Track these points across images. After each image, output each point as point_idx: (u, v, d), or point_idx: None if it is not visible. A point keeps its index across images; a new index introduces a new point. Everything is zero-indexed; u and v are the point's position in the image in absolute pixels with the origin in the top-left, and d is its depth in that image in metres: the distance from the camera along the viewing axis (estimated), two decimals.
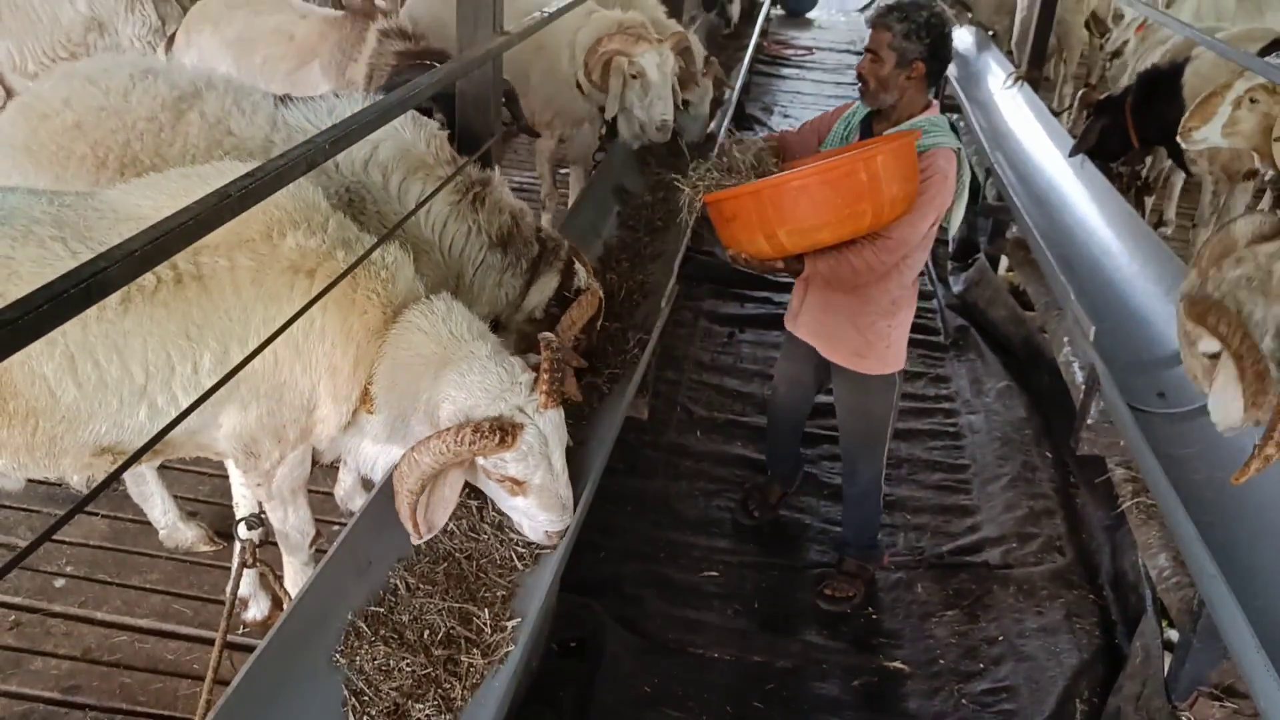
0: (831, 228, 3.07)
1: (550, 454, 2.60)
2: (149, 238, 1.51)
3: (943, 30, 3.36)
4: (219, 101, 3.20)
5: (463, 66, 3.01)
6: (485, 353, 2.62)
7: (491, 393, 2.54)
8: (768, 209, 3.03)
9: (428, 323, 2.62)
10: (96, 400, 2.32)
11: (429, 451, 2.41)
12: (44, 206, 2.32)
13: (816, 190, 3.01)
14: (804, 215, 3.03)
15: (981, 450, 5.55)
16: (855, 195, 2.99)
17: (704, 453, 5.37)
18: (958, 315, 6.90)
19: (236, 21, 4.59)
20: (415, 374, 2.60)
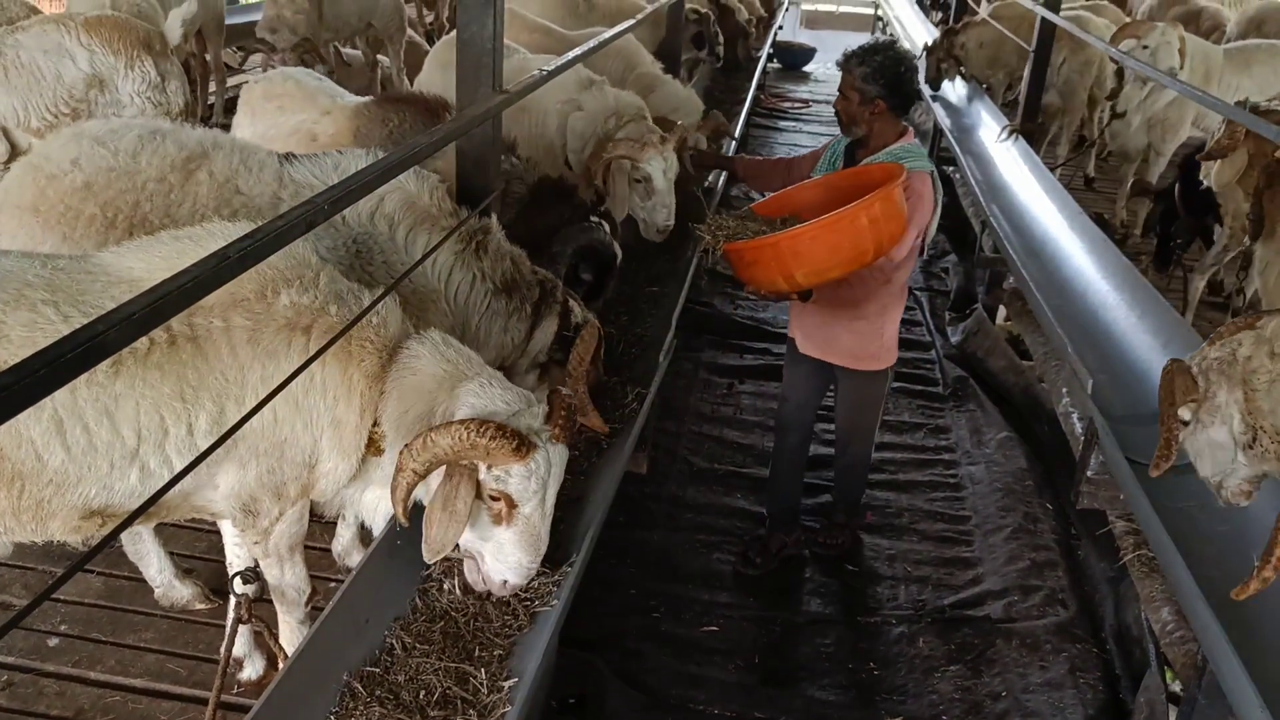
0: (841, 267, 3.56)
1: (548, 487, 2.58)
2: (147, 300, 1.51)
3: (898, 70, 3.87)
4: (226, 161, 3.24)
5: (462, 125, 3.05)
6: (499, 375, 2.67)
7: (512, 406, 2.55)
8: (786, 256, 3.53)
9: (429, 349, 2.63)
10: (86, 464, 2.31)
11: (448, 433, 2.37)
12: (37, 270, 2.33)
13: (827, 238, 3.49)
14: (819, 259, 3.52)
15: (983, 501, 5.53)
16: (859, 237, 3.49)
17: (704, 505, 5.36)
18: (956, 366, 6.92)
19: (266, 115, 4.47)
20: (428, 392, 2.59)
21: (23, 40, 5.49)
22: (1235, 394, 2.75)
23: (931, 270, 8.68)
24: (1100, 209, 7.85)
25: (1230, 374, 2.77)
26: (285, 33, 7.69)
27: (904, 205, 3.61)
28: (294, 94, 4.48)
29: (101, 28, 5.60)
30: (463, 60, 3.34)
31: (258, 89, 4.53)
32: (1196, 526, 3.07)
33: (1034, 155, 6.99)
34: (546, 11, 7.24)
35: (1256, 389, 2.72)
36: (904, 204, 3.61)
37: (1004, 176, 6.86)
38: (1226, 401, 2.77)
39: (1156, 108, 6.93)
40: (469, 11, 3.26)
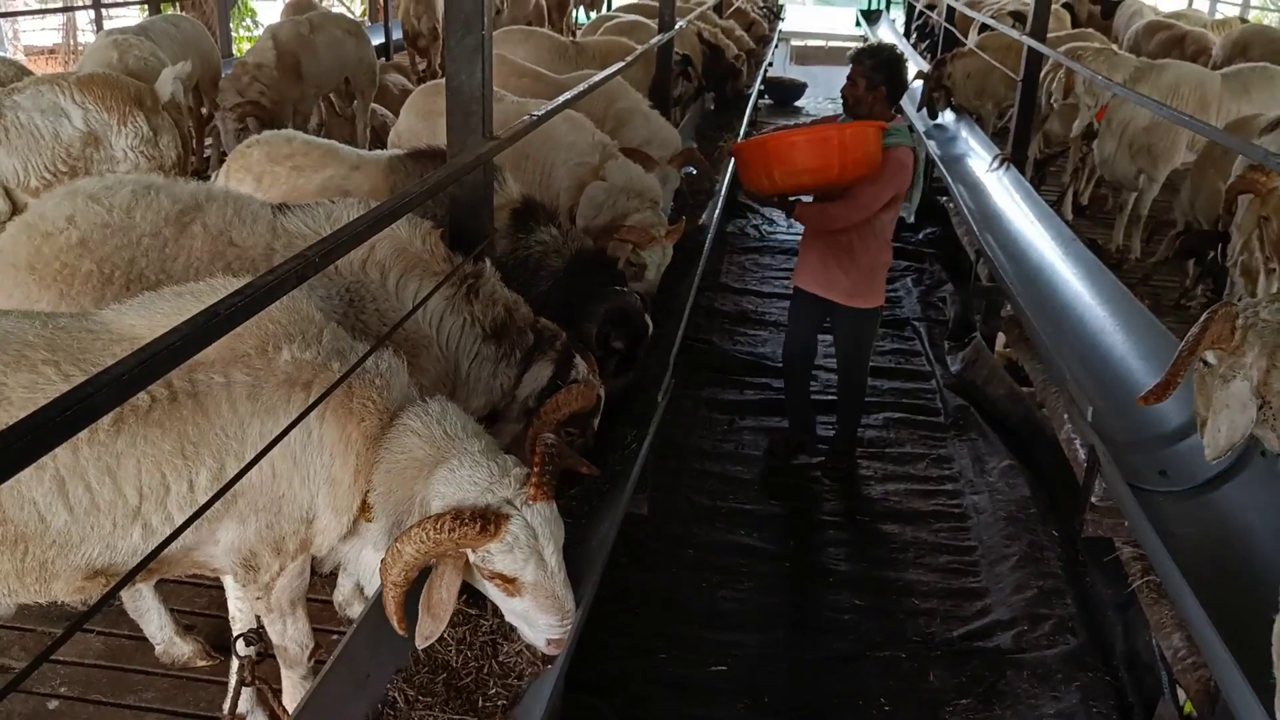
0: (810, 174, 4.51)
1: (542, 549, 2.53)
2: (136, 360, 1.52)
3: (897, 66, 4.85)
4: (220, 213, 3.24)
5: (454, 173, 3.06)
6: (477, 449, 2.62)
7: (480, 485, 2.52)
8: (770, 155, 4.55)
9: (421, 424, 2.61)
10: (89, 524, 2.29)
11: (410, 540, 2.37)
12: (37, 330, 2.33)
13: (803, 145, 4.51)
14: (793, 162, 4.47)
15: (988, 531, 5.49)
16: (828, 153, 4.45)
17: (708, 542, 5.31)
18: (956, 395, 6.90)
19: (280, 178, 4.31)
20: (409, 478, 2.58)
21: (20, 101, 5.55)
22: (1261, 361, 2.77)
23: (929, 300, 8.68)
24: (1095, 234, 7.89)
25: (1267, 340, 2.79)
26: (231, 94, 7.80)
27: (873, 146, 4.51)
28: (308, 152, 4.41)
29: (94, 86, 5.66)
30: (453, 107, 3.37)
31: (256, 152, 4.40)
32: (1202, 552, 3.05)
33: (1025, 183, 7.03)
34: (536, 55, 7.33)
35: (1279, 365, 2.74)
36: (874, 145, 4.51)
37: (997, 205, 6.89)
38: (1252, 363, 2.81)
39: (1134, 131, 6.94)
40: (457, 60, 3.29)
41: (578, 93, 4.30)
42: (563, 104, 4.04)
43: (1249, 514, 2.79)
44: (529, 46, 7.58)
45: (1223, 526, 2.94)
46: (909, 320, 8.20)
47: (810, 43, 22.97)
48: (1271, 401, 2.67)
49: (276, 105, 8.17)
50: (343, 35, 8.84)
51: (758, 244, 9.94)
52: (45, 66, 16.19)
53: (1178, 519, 3.11)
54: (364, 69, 9.03)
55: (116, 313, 2.48)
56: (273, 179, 4.18)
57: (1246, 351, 2.77)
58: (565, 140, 5.23)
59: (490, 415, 3.43)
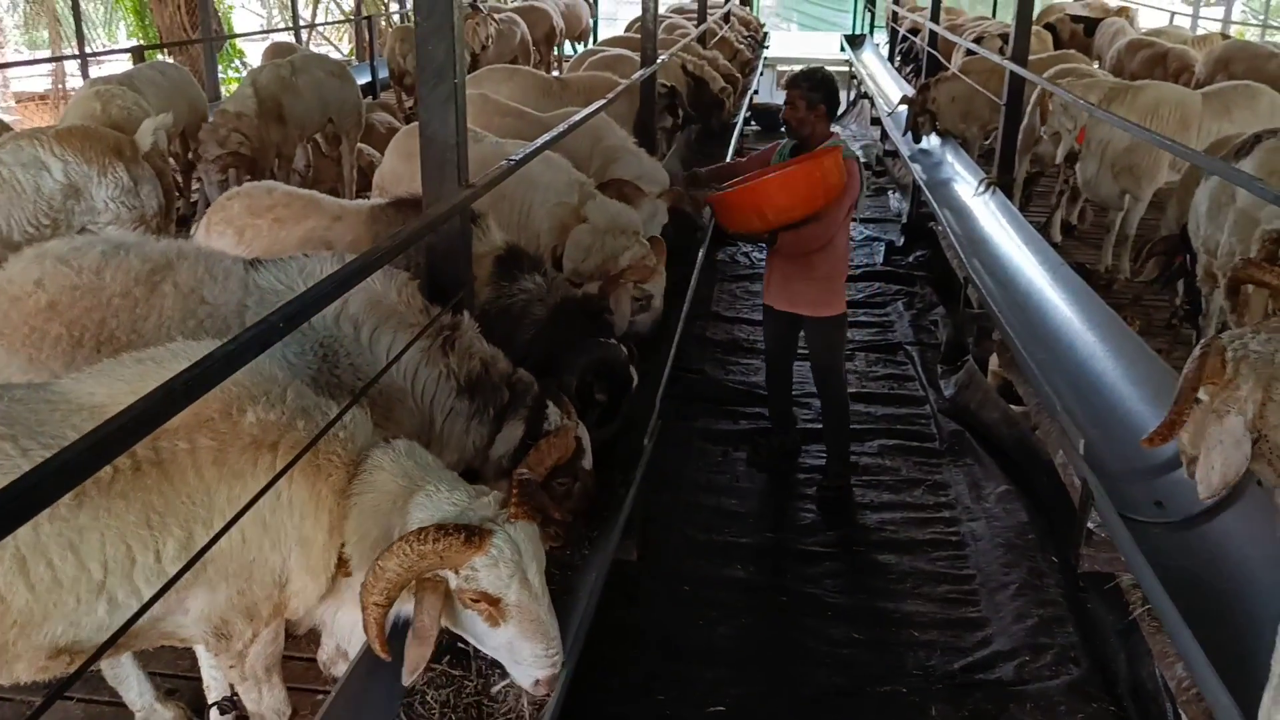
0: (800, 207, 4.89)
1: (525, 567, 2.45)
2: (86, 444, 1.47)
3: (831, 86, 5.27)
4: (191, 270, 3.21)
5: (430, 223, 3.03)
6: (450, 478, 2.60)
7: (459, 506, 2.48)
8: (760, 199, 4.91)
9: (389, 460, 2.57)
10: (51, 601, 2.24)
11: (394, 555, 2.31)
12: None
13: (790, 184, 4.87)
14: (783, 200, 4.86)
15: (986, 559, 5.43)
16: (813, 184, 4.82)
17: (703, 578, 5.25)
18: (951, 420, 6.86)
19: (262, 231, 4.26)
20: (384, 513, 2.53)
21: (2, 157, 5.53)
22: (1256, 394, 2.70)
23: (921, 324, 8.65)
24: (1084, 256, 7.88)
25: (1261, 372, 2.72)
26: (211, 145, 7.79)
27: (842, 169, 4.89)
28: (289, 203, 4.36)
29: (73, 138, 5.65)
30: (427, 156, 3.34)
31: (237, 205, 4.35)
32: (1200, 585, 3.00)
33: (1012, 207, 7.01)
34: (519, 93, 7.33)
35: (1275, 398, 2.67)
36: (842, 169, 4.89)
37: (984, 230, 6.87)
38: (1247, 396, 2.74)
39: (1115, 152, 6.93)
40: (430, 109, 3.27)
41: (557, 133, 4.27)
42: (542, 146, 4.01)
43: (1246, 545, 2.74)
44: (513, 85, 7.58)
45: (1220, 558, 2.89)
46: (901, 345, 8.17)
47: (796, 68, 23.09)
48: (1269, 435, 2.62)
49: (258, 152, 8.15)
50: (325, 76, 8.85)
51: (748, 271, 9.93)
52: (36, 112, 16.26)
53: (1174, 551, 3.06)
54: (348, 110, 9.04)
55: (75, 381, 2.43)
56: (254, 232, 4.13)
57: (1240, 385, 2.71)
58: (542, 181, 5.20)
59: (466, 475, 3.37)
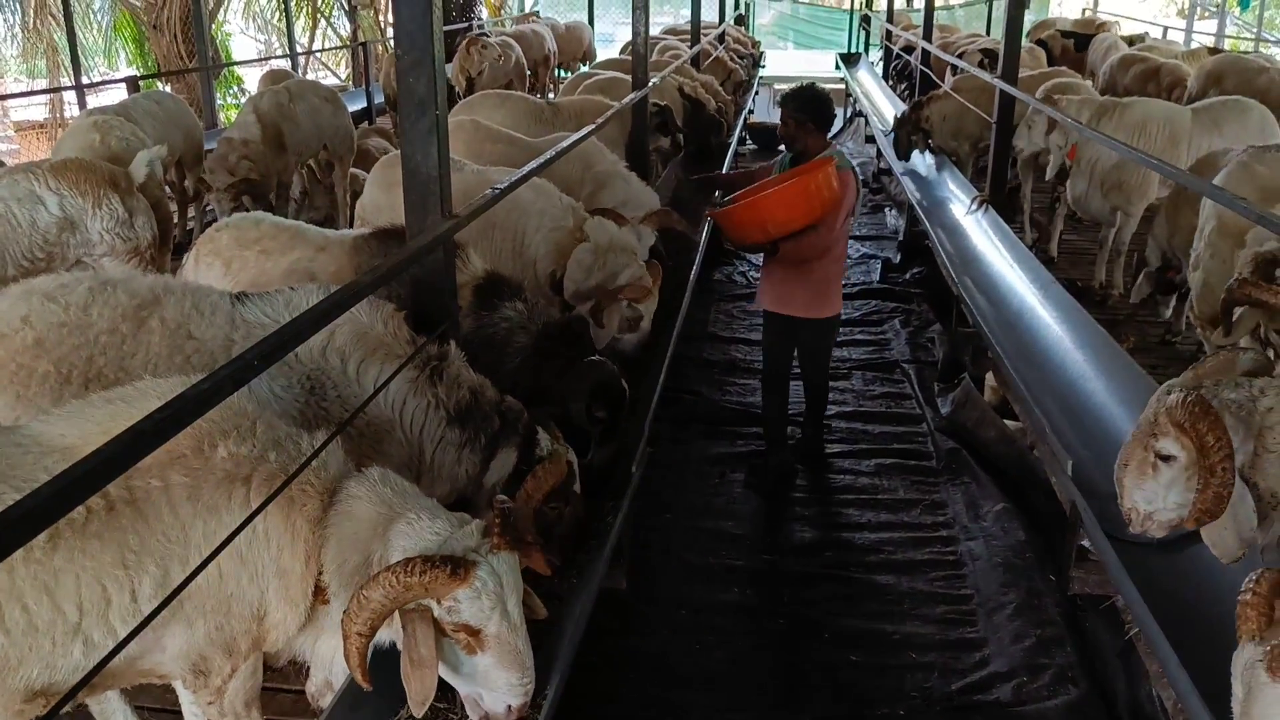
0: (799, 219, 5.14)
1: (506, 598, 2.47)
2: (52, 489, 1.47)
3: (819, 102, 5.53)
4: (178, 306, 3.22)
5: (411, 255, 3.04)
6: (430, 505, 2.61)
7: (441, 535, 2.49)
8: (762, 213, 5.20)
9: (365, 489, 2.58)
10: (26, 645, 2.23)
11: (379, 585, 2.31)
12: None
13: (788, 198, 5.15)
14: (782, 214, 5.12)
15: (984, 578, 5.41)
16: (810, 196, 5.08)
17: (700, 603, 5.23)
18: (948, 438, 6.84)
19: (249, 263, 4.28)
20: (363, 540, 2.54)
21: None
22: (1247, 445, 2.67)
23: (918, 341, 8.64)
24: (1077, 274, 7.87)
25: (1249, 422, 2.69)
26: (222, 174, 7.83)
27: (836, 180, 5.16)
28: (275, 235, 4.37)
29: (68, 171, 5.68)
30: (410, 188, 3.35)
31: (224, 236, 4.37)
32: (1189, 609, 2.98)
33: (1004, 225, 7.01)
34: (511, 119, 7.35)
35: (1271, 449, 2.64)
36: (836, 179, 5.16)
37: (976, 248, 6.88)
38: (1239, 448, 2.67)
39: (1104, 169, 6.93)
40: (413, 141, 3.28)
41: (543, 161, 4.29)
42: (527, 174, 4.03)
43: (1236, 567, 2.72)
44: (504, 111, 7.61)
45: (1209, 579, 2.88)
46: (898, 363, 8.15)
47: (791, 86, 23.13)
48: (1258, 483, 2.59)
49: (264, 178, 8.22)
50: (320, 103, 8.91)
51: (746, 291, 9.93)
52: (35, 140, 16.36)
53: (1163, 572, 3.05)
54: (341, 136, 9.09)
55: (45, 423, 2.43)
56: (241, 263, 4.14)
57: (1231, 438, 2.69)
58: (534, 207, 5.22)
59: (458, 504, 3.37)
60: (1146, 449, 2.80)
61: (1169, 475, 2.79)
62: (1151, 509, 2.85)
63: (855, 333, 8.82)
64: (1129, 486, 2.89)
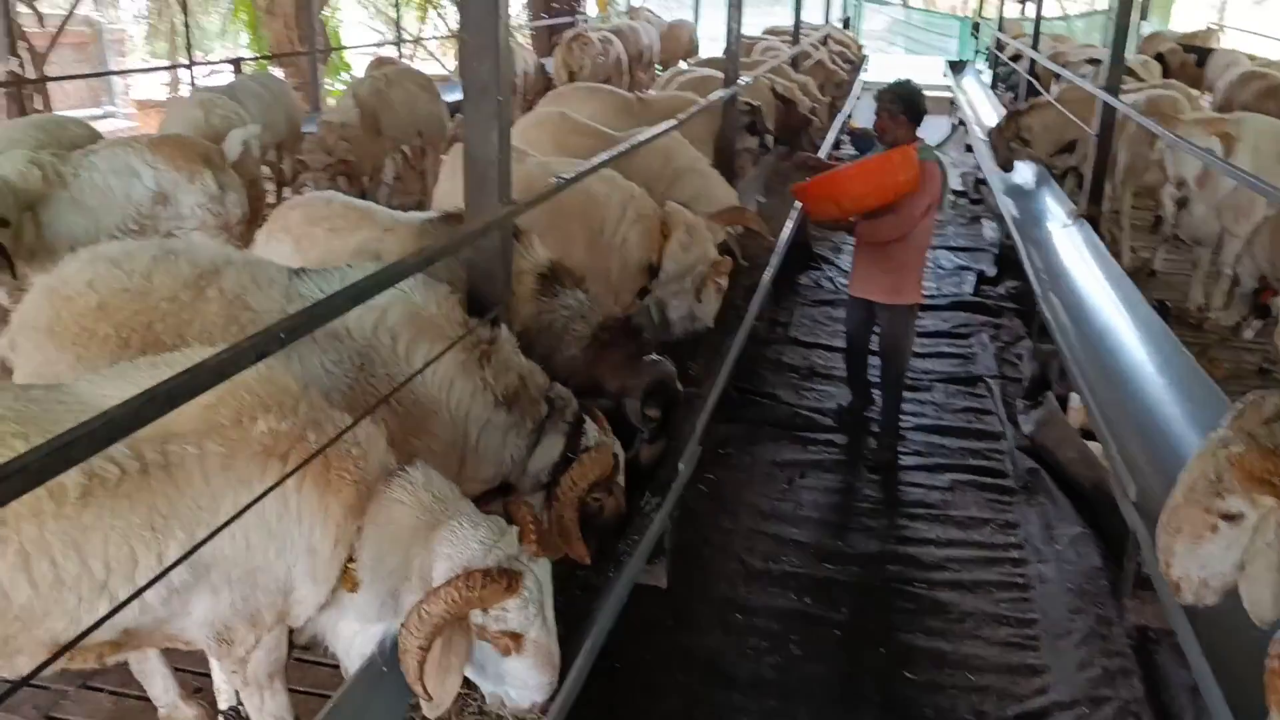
0: (873, 196, 5.42)
1: (545, 604, 2.57)
2: (51, 448, 1.50)
3: (911, 96, 5.81)
4: (237, 277, 3.28)
5: (468, 236, 3.05)
6: (469, 509, 2.64)
7: (485, 544, 2.53)
8: (837, 188, 5.52)
9: (407, 494, 2.60)
10: (53, 598, 2.28)
11: (440, 600, 2.39)
12: (9, 402, 2.34)
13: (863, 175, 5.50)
14: (857, 190, 5.43)
15: (1052, 603, 5.23)
16: (884, 176, 5.38)
17: (757, 607, 5.16)
18: (1028, 457, 6.64)
19: (317, 240, 4.30)
20: (403, 545, 2.58)
21: (96, 162, 5.78)
22: None
23: (1005, 356, 8.40)
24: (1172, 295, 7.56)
25: None
26: (319, 155, 8.00)
27: (914, 165, 5.40)
28: (345, 214, 4.41)
29: (165, 146, 5.87)
30: (469, 173, 3.37)
31: (296, 214, 4.42)
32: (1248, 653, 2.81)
33: (1098, 241, 6.76)
34: (599, 112, 7.35)
35: None
36: (914, 164, 5.40)
37: (1065, 263, 6.65)
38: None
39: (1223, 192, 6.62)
40: (474, 126, 3.29)
41: (613, 154, 4.27)
42: (595, 166, 4.02)
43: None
44: (593, 104, 7.61)
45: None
46: (982, 377, 7.94)
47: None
48: None
49: (359, 161, 8.41)
50: (416, 90, 9.07)
51: (831, 296, 9.78)
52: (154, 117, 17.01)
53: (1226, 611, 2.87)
54: (435, 123, 9.24)
55: (90, 383, 2.49)
56: (310, 241, 4.20)
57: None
58: (614, 199, 5.25)
59: (503, 487, 3.38)
60: (1207, 510, 2.64)
61: (1231, 536, 2.62)
62: (1207, 574, 2.69)
63: (941, 345, 8.62)
64: (1181, 553, 2.71)
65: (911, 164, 5.43)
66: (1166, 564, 2.74)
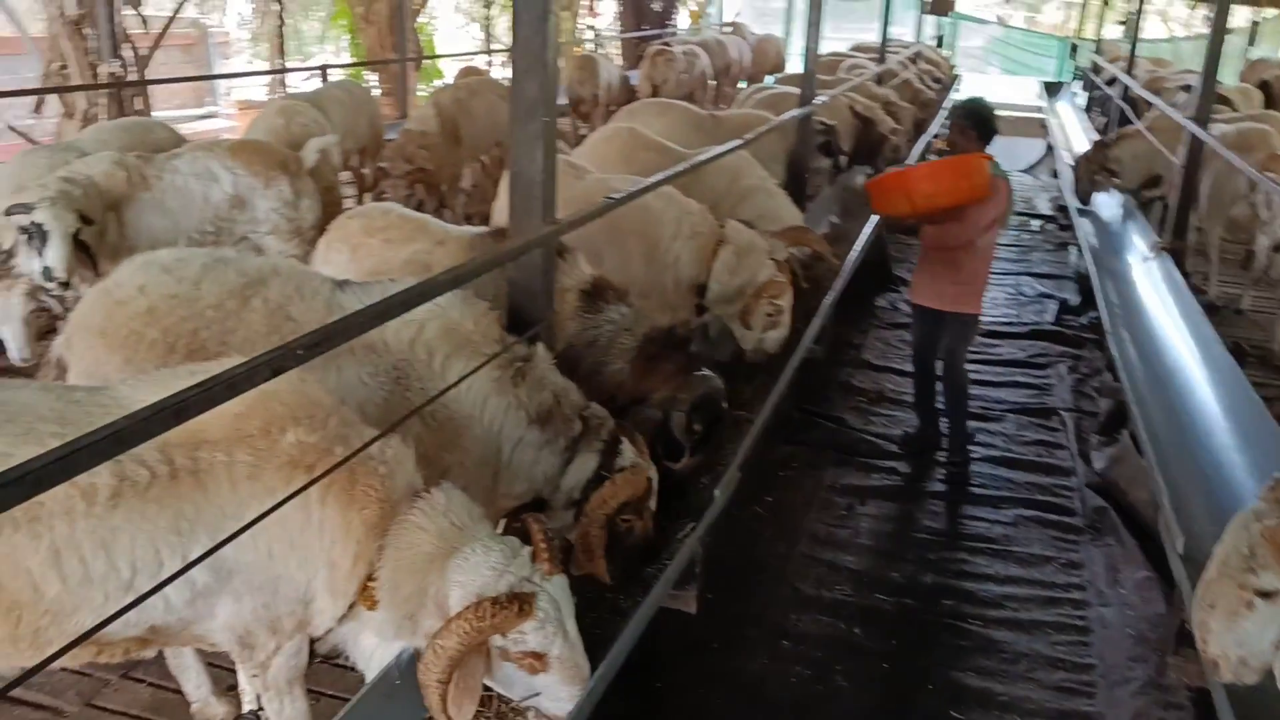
0: (943, 196, 5.57)
1: (564, 621, 2.58)
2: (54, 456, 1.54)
3: (983, 115, 6.15)
4: (282, 287, 3.35)
5: (507, 254, 3.08)
6: (485, 534, 2.66)
7: (497, 569, 2.54)
8: (909, 184, 5.71)
9: (427, 519, 2.62)
10: (81, 594, 2.35)
11: (453, 634, 2.40)
12: (51, 403, 2.43)
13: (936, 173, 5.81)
14: (928, 188, 5.61)
15: (1111, 649, 5.06)
16: (957, 177, 5.56)
17: (806, 634, 5.10)
18: (1097, 495, 6.44)
19: (373, 250, 4.38)
20: (419, 573, 2.61)
21: (179, 166, 5.98)
22: None
23: (1082, 389, 8.16)
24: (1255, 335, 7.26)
25: None
26: (399, 163, 8.14)
27: (985, 172, 5.60)
28: (400, 225, 4.49)
29: (244, 151, 6.04)
30: (514, 191, 3.40)
31: (354, 224, 4.51)
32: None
33: (1178, 277, 6.54)
34: (671, 128, 7.35)
35: None
36: (985, 171, 5.60)
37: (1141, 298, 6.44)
38: None
39: None
40: (520, 145, 3.33)
41: (670, 174, 4.27)
42: (649, 185, 4.03)
43: None
44: (666, 119, 7.62)
45: None
46: (1057, 410, 7.72)
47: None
48: None
49: (438, 169, 8.55)
50: (497, 100, 9.18)
51: (905, 320, 9.63)
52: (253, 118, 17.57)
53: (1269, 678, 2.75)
54: None
55: (131, 387, 2.56)
56: (366, 250, 4.28)
57: None
58: (669, 216, 5.25)
59: (536, 503, 3.39)
60: (1242, 587, 2.53)
61: (1269, 614, 2.52)
62: (1245, 652, 2.58)
63: (1016, 374, 8.42)
64: (1217, 630, 2.61)
65: (983, 171, 5.60)
66: (1203, 641, 2.64)
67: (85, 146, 6.37)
